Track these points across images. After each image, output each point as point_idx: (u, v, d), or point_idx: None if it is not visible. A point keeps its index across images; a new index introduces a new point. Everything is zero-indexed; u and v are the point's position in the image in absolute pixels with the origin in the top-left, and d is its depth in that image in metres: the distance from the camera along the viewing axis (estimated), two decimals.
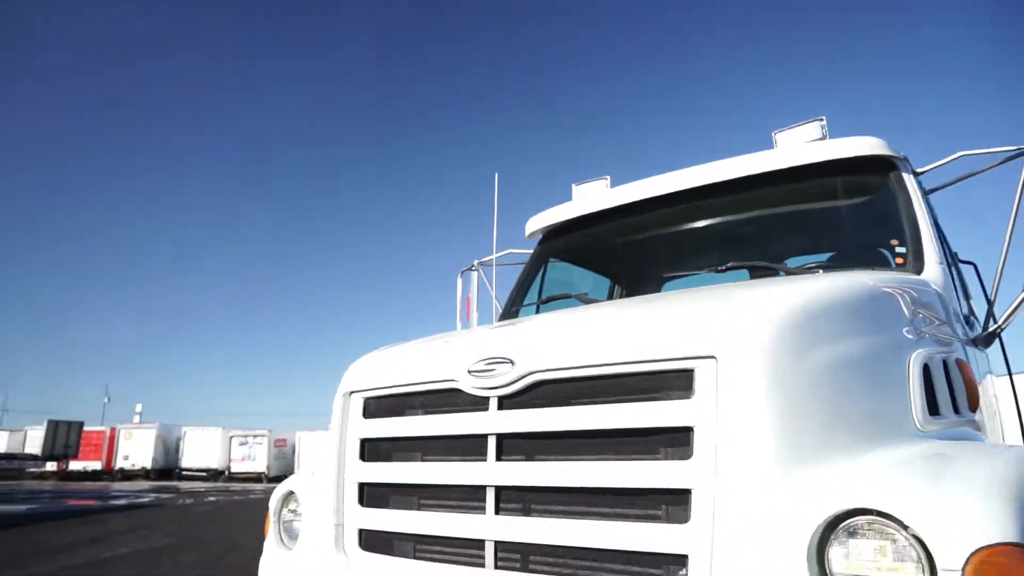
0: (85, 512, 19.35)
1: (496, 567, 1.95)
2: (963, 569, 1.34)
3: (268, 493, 2.94)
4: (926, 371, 2.08)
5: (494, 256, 4.42)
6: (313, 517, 2.50)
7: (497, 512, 1.98)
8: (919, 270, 2.65)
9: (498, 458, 2.00)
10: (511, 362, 2.02)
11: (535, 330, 2.24)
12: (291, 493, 2.67)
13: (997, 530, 1.35)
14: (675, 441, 1.74)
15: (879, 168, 3.03)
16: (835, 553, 1.48)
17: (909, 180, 2.96)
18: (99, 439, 41.60)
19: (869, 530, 1.46)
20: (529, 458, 1.95)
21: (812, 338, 1.82)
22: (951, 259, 3.73)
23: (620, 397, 1.83)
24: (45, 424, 25.29)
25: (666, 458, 1.74)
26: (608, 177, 3.89)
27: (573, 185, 4.03)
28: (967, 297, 3.50)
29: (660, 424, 1.75)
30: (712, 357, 1.72)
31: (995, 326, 2.80)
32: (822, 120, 3.18)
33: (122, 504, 22.07)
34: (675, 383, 1.77)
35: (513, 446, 2.00)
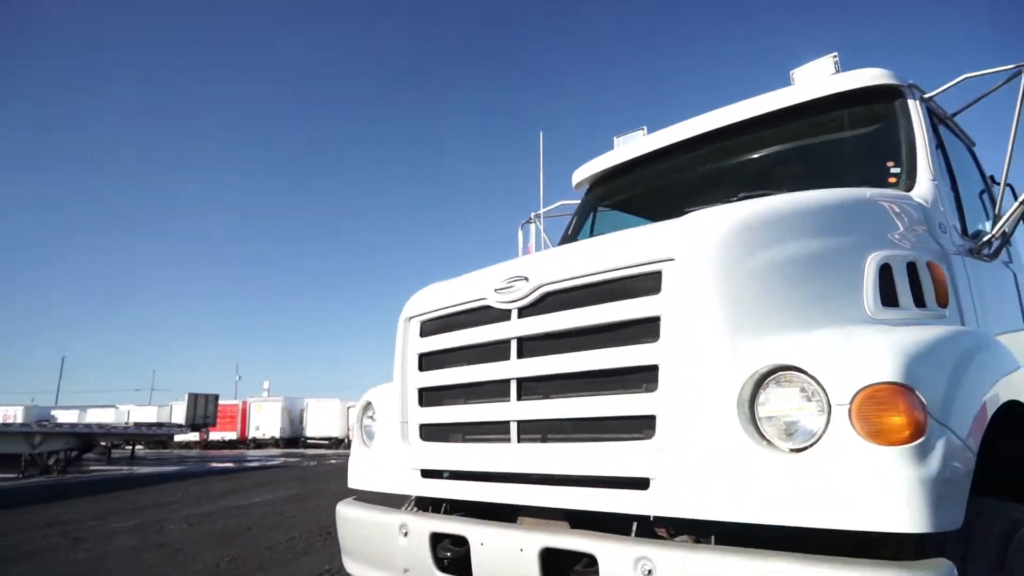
0: (225, 472, 21.62)
1: (519, 441, 2.44)
2: (850, 403, 1.68)
3: None
4: (887, 269, 2.35)
5: (542, 210, 4.84)
6: (385, 419, 3.08)
7: (519, 399, 2.46)
8: (910, 187, 2.85)
9: (519, 356, 2.48)
10: (526, 279, 2.48)
11: (546, 254, 2.68)
12: (369, 403, 3.27)
13: (880, 373, 1.68)
14: (648, 330, 2.14)
15: (886, 96, 3.20)
16: (760, 400, 1.85)
17: (913, 105, 3.12)
18: (233, 412, 45.63)
19: (786, 381, 1.82)
20: (542, 354, 2.41)
21: (757, 240, 2.15)
22: (986, 181, 3.81)
23: (608, 298, 2.25)
24: (187, 397, 28.25)
25: (641, 343, 2.14)
26: (645, 127, 4.21)
27: (614, 138, 4.38)
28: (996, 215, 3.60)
29: (636, 316, 2.16)
30: (672, 259, 2.11)
31: (988, 235, 2.95)
32: (835, 56, 3.36)
33: (255, 466, 24.38)
34: (648, 283, 2.17)
35: (530, 346, 2.46)
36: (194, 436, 43.06)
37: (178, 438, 42.91)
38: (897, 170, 2.93)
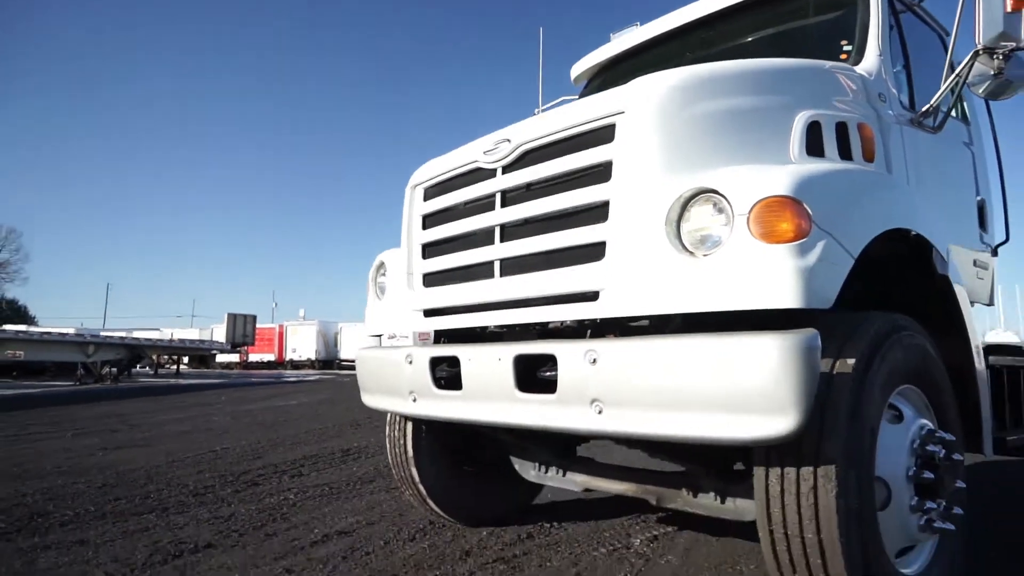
0: (265, 383, 22.91)
1: (501, 276, 2.90)
2: (748, 212, 2.09)
3: None
4: (816, 126, 2.71)
5: (543, 106, 5.17)
6: (394, 273, 3.58)
7: (502, 242, 2.91)
8: (857, 62, 3.15)
9: (502, 206, 2.92)
10: (508, 140, 2.89)
11: (526, 120, 3.07)
12: (382, 263, 3.76)
13: (774, 188, 2.08)
14: (604, 173, 2.55)
15: None
16: (684, 219, 2.27)
17: None
18: (271, 334, 47.45)
19: (705, 201, 2.24)
20: (522, 202, 2.84)
21: (693, 95, 2.53)
22: (952, 63, 4.04)
23: (574, 149, 2.66)
24: (226, 316, 29.63)
25: (598, 185, 2.56)
26: (638, 22, 4.49)
27: (611, 34, 4.67)
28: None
29: (595, 162, 2.57)
30: (623, 112, 2.50)
31: (926, 107, 3.24)
32: None
33: (293, 381, 25.71)
34: (604, 134, 2.57)
35: (512, 197, 2.89)
36: (234, 357, 45.10)
37: (218, 359, 44.97)
38: (849, 47, 3.23)
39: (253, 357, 46.63)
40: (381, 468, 5.89)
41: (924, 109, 3.26)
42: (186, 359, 37.64)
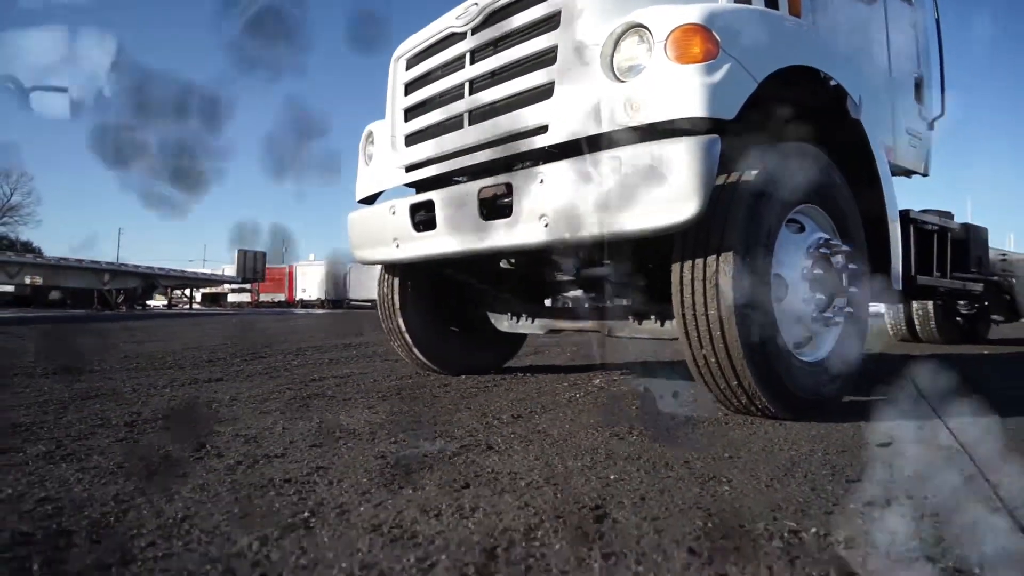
0: (273, 314, 23.61)
1: (469, 125, 3.28)
2: (665, 39, 2.46)
3: None
4: None
5: None
6: (381, 139, 3.96)
7: (470, 94, 3.28)
8: None
9: (471, 63, 3.28)
10: (476, 4, 3.24)
11: None
12: (371, 132, 4.13)
13: (687, 18, 2.45)
14: (553, 22, 2.90)
15: None
16: (616, 51, 2.64)
17: None
18: (281, 274, 48.06)
19: (633, 34, 2.60)
20: (488, 57, 3.19)
21: None
22: None
23: (530, 5, 3.00)
24: (236, 252, 30.28)
25: (549, 33, 2.91)
26: None
27: None
28: None
29: (546, 13, 2.92)
30: None
31: None
32: None
33: (301, 313, 26.44)
34: None
35: (479, 55, 3.25)
36: (245, 297, 45.94)
37: (230, 299, 45.88)
38: None
39: (264, 297, 47.37)
40: (380, 352, 6.40)
41: None
42: (199, 297, 38.51)
